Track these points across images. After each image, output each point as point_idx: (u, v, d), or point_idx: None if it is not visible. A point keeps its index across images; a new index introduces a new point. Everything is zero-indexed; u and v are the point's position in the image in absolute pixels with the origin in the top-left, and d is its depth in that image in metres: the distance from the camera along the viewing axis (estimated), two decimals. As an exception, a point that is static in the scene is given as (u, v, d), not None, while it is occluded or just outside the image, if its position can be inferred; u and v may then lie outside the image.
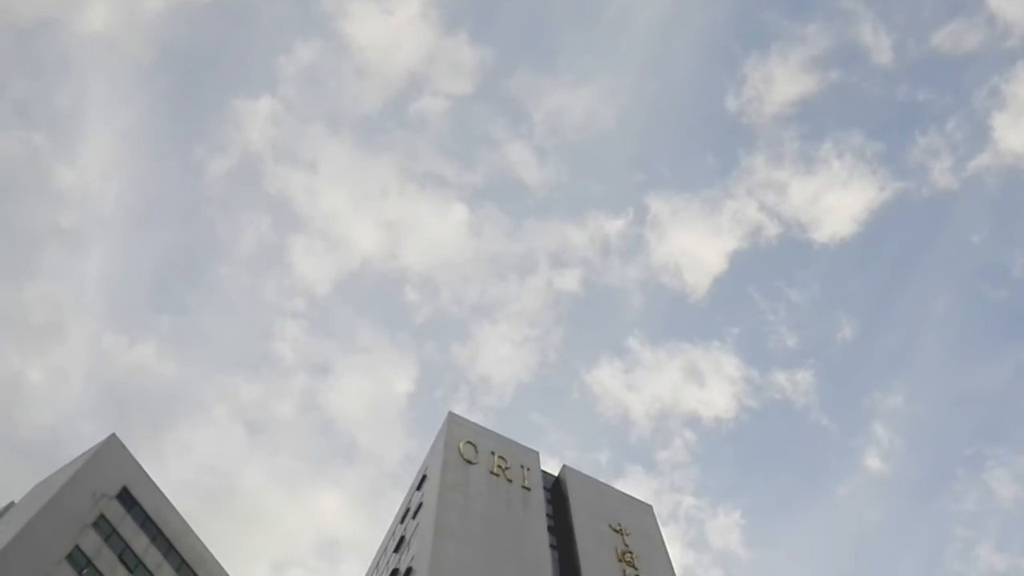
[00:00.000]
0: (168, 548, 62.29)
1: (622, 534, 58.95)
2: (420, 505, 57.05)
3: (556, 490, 63.25)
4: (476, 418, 66.10)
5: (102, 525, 57.49)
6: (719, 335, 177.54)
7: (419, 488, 60.57)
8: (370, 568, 66.36)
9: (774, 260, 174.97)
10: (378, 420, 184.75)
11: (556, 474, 65.19)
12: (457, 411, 65.59)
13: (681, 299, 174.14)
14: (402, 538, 57.71)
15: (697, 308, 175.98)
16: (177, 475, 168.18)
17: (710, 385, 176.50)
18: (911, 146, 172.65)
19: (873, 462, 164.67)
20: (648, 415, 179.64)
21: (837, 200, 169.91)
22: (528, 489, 58.88)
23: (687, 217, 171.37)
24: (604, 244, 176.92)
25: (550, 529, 56.42)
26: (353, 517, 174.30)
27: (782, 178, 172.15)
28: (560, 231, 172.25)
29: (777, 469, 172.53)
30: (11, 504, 60.79)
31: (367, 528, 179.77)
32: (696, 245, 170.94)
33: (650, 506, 66.93)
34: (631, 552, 57.11)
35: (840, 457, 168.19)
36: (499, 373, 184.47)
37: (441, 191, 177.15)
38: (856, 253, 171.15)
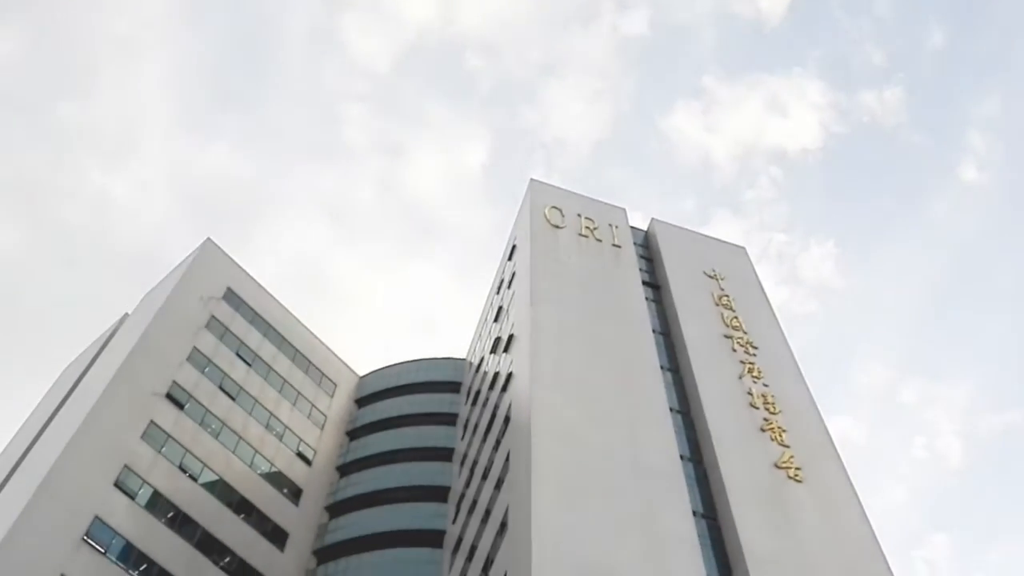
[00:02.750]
0: (280, 340, 65.12)
1: (717, 279, 58.97)
2: (513, 275, 57.75)
3: (647, 244, 63.11)
4: (556, 182, 65.59)
5: (214, 326, 60.06)
6: (800, 61, 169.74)
7: (510, 258, 61.13)
8: (472, 339, 68.54)
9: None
10: (458, 195, 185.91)
11: (645, 228, 64.83)
12: (536, 177, 64.96)
13: (756, 27, 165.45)
14: (500, 308, 58.93)
15: (774, 34, 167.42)
16: (272, 271, 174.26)
17: (794, 115, 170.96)
18: None
19: (969, 173, 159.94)
20: (731, 156, 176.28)
21: None
22: (618, 247, 58.81)
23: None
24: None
25: (645, 283, 56.70)
26: (448, 293, 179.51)
27: None
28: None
29: (869, 194, 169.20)
30: (125, 315, 63.69)
31: (463, 302, 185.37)
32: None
33: (743, 248, 66.52)
34: (727, 296, 57.30)
35: (935, 172, 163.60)
36: (573, 133, 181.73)
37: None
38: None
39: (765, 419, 46.29)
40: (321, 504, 58.52)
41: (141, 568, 45.06)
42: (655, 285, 58.11)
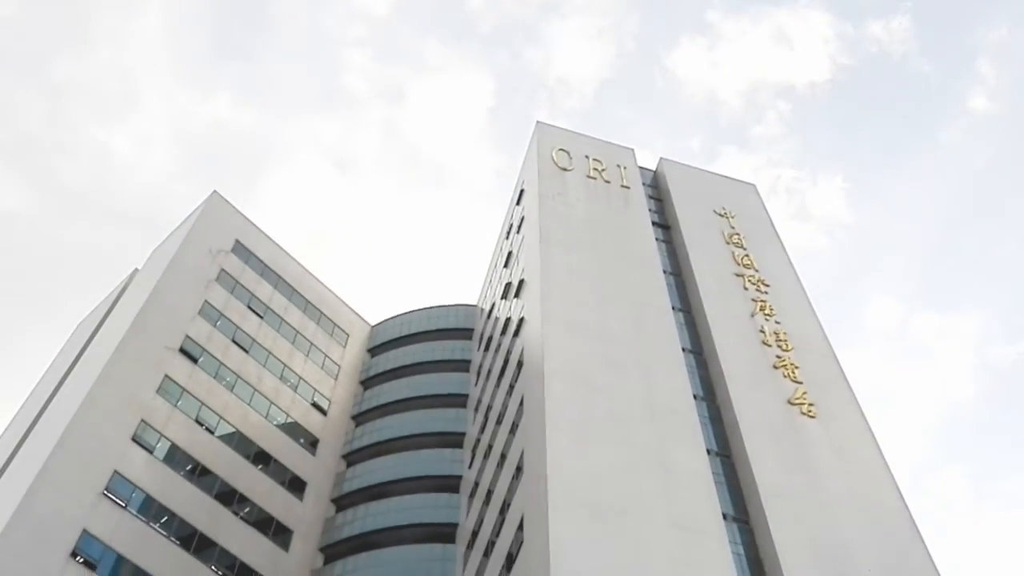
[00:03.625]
0: (291, 292, 65.14)
1: (727, 217, 58.53)
2: (522, 219, 57.40)
3: (656, 184, 62.55)
4: (561, 123, 64.65)
5: (224, 279, 60.08)
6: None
7: (518, 203, 60.72)
8: (483, 285, 68.43)
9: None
10: (463, 139, 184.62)
11: (653, 168, 64.20)
12: (541, 119, 64.24)
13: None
14: (510, 253, 58.69)
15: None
16: (278, 222, 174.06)
17: (801, 48, 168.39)
18: None
19: (979, 102, 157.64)
20: (737, 92, 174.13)
21: None
22: (627, 188, 58.33)
23: None
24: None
25: (654, 224, 56.33)
26: (456, 239, 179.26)
27: None
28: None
29: (877, 127, 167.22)
30: (135, 271, 63.72)
31: (472, 248, 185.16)
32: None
33: (752, 185, 65.90)
34: (738, 234, 56.92)
35: (944, 102, 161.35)
36: (577, 73, 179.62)
37: None
38: None
39: (778, 356, 46.21)
40: (338, 453, 58.98)
41: (162, 520, 45.61)
42: (665, 225, 57.74)
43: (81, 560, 40.54)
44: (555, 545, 31.81)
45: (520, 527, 36.78)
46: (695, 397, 42.20)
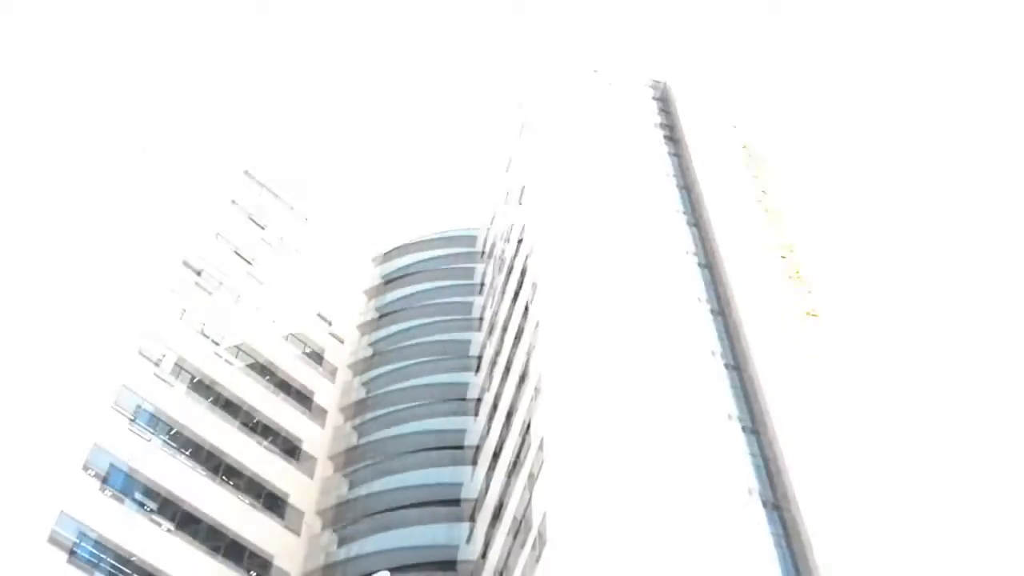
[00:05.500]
0: (295, 207, 65.44)
1: (736, 125, 57.53)
2: (523, 126, 56.68)
3: (662, 92, 61.09)
4: (563, 28, 62.89)
5: (228, 196, 60.13)
6: None
7: (520, 109, 59.80)
8: (486, 196, 67.87)
9: None
10: (458, 45, 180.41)
11: (660, 76, 62.65)
12: (542, 23, 63.02)
13: None
14: (511, 160, 58.17)
15: None
16: (279, 139, 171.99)
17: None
18: None
19: None
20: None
21: None
22: (633, 95, 57.40)
23: None
24: None
25: (660, 126, 55.41)
26: (456, 145, 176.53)
27: None
28: None
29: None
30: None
31: (473, 155, 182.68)
32: None
33: (762, 92, 64.56)
34: (746, 141, 55.98)
35: None
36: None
37: None
38: None
39: (789, 265, 45.72)
40: (351, 370, 58.70)
41: (171, 432, 45.76)
42: (671, 129, 56.63)
43: (93, 474, 40.88)
44: (569, 461, 31.93)
45: (540, 447, 36.72)
46: (698, 300, 41.81)
